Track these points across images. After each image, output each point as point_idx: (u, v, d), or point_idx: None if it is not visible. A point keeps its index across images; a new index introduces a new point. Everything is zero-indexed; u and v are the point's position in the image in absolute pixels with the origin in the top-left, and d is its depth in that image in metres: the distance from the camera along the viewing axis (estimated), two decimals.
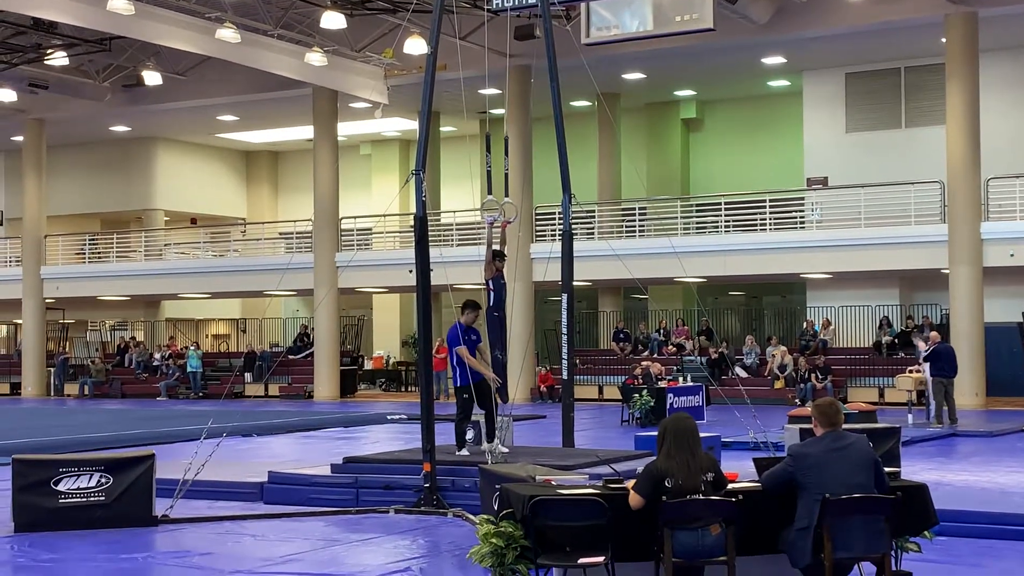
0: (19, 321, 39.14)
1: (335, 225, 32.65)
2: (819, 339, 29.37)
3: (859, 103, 30.49)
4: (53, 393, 37.26)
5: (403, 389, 36.30)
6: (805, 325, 30.37)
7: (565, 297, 13.49)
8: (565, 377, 13.60)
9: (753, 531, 6.79)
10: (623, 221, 31.95)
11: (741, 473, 7.29)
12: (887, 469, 6.93)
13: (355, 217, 34.16)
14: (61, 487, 10.55)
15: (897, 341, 28.56)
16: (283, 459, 15.93)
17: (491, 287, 12.62)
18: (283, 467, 13.31)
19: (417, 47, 26.08)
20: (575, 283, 13.92)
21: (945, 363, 19.71)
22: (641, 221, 31.33)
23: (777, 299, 35.83)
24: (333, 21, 25.92)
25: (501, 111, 28.04)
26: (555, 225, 29.61)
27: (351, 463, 12.47)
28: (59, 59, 31.26)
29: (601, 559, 6.58)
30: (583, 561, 6.59)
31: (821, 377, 27.27)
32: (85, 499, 10.58)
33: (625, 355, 31.10)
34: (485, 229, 12.88)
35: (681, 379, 23.81)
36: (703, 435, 6.91)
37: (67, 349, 40.89)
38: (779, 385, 28.31)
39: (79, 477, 10.62)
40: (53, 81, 32.58)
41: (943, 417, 19.61)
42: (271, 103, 33.91)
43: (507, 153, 13.90)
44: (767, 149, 34.40)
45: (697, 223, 31.11)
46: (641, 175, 33.19)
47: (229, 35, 25.15)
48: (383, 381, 37.32)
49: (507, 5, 19.55)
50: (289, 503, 11.87)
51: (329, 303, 32.10)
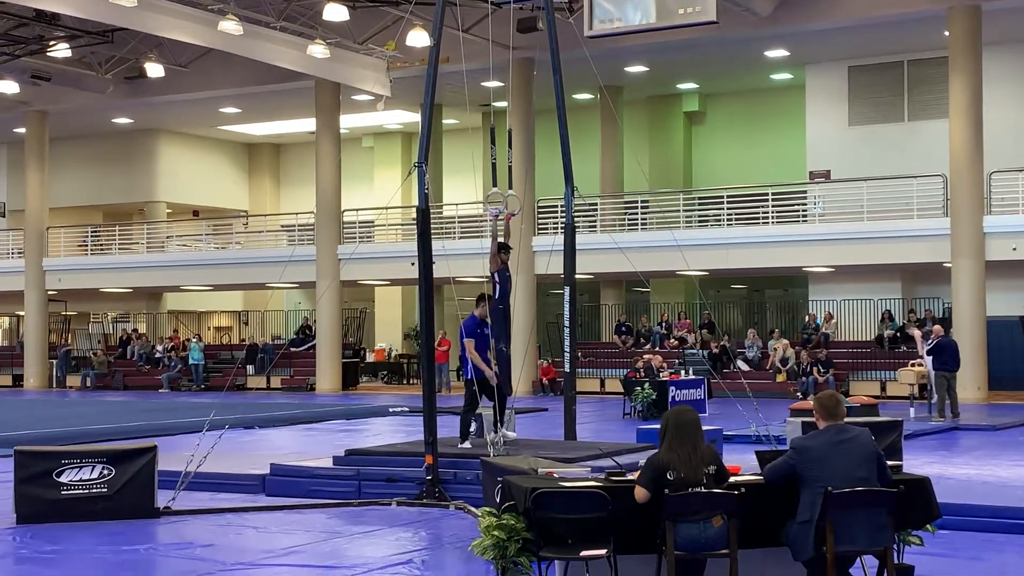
0: (21, 313, 39.16)
1: (337, 218, 32.64)
2: (821, 332, 29.37)
3: (862, 96, 30.45)
4: (55, 385, 37.30)
5: (405, 382, 36.31)
6: (807, 318, 30.37)
7: (567, 290, 13.47)
8: (567, 370, 13.58)
9: (755, 524, 6.79)
10: (625, 214, 31.92)
11: (743, 466, 7.28)
12: (889, 463, 6.92)
13: (357, 210, 34.13)
14: (63, 479, 10.56)
15: (899, 335, 28.56)
16: (285, 451, 15.92)
17: (496, 279, 12.60)
18: (285, 459, 13.32)
19: (420, 39, 26.06)
20: (577, 276, 13.90)
21: (948, 357, 19.72)
22: (643, 214, 31.31)
23: (779, 292, 35.83)
24: (335, 13, 25.89)
25: (503, 104, 28.02)
26: (557, 218, 29.61)
27: (353, 455, 12.48)
28: (61, 51, 31.25)
29: (603, 552, 6.59)
30: (585, 554, 6.59)
31: (823, 370, 27.28)
32: (87, 491, 10.59)
33: (627, 348, 31.10)
34: (488, 222, 12.86)
35: (683, 372, 23.80)
36: (705, 428, 6.90)
37: (69, 341, 40.92)
38: (781, 378, 28.31)
39: (81, 469, 10.63)
40: (55, 73, 32.57)
41: (945, 411, 19.64)
42: (273, 95, 33.89)
43: (511, 146, 13.88)
44: (769, 142, 34.36)
45: (699, 216, 31.08)
46: (643, 168, 33.15)
47: (231, 27, 25.14)
48: (385, 374, 37.34)
49: None
50: (291, 495, 11.88)
51: (331, 296, 32.09)
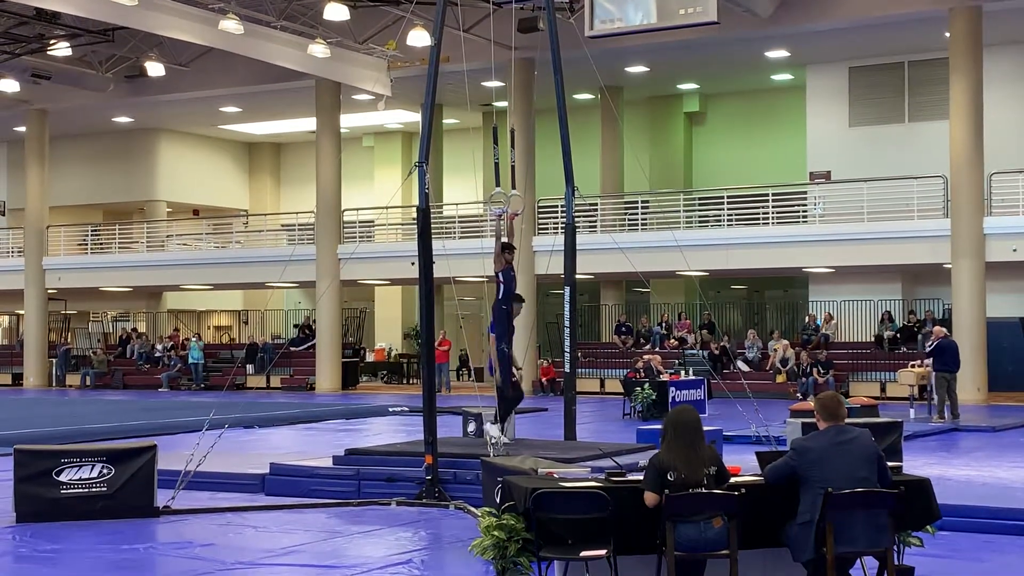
0: (21, 312, 39.16)
1: (337, 217, 32.64)
2: (821, 333, 29.36)
3: (862, 97, 30.45)
4: (55, 384, 37.29)
5: (405, 381, 36.32)
6: (807, 319, 30.36)
7: (568, 290, 13.45)
8: (567, 370, 13.56)
9: (755, 525, 6.78)
10: (626, 214, 31.92)
11: (744, 467, 7.28)
12: (889, 463, 6.91)
13: (357, 209, 34.13)
14: (63, 478, 10.55)
15: (899, 336, 28.55)
16: (285, 451, 15.92)
17: (501, 279, 12.56)
18: (285, 459, 13.31)
19: (420, 39, 26.04)
20: (577, 276, 13.89)
21: (948, 358, 19.72)
22: (644, 214, 31.31)
23: (779, 293, 35.83)
24: (336, 12, 25.88)
25: (504, 103, 28.00)
26: (558, 218, 29.60)
27: (353, 455, 12.47)
28: (62, 49, 31.24)
29: (603, 552, 6.58)
30: (585, 554, 6.59)
31: (823, 371, 27.27)
32: (87, 490, 10.59)
33: (627, 348, 31.09)
34: (491, 222, 12.84)
35: (683, 373, 23.79)
36: (705, 429, 6.89)
37: (69, 340, 40.89)
38: (781, 379, 28.30)
39: (81, 468, 10.62)
40: (56, 72, 32.56)
41: (945, 412, 19.63)
42: (274, 95, 33.88)
43: (513, 145, 13.86)
44: (770, 143, 34.36)
45: (700, 216, 31.08)
46: (644, 168, 33.13)
47: (232, 26, 25.13)
48: (385, 373, 37.35)
49: None
50: (291, 495, 11.87)
51: (331, 295, 32.09)
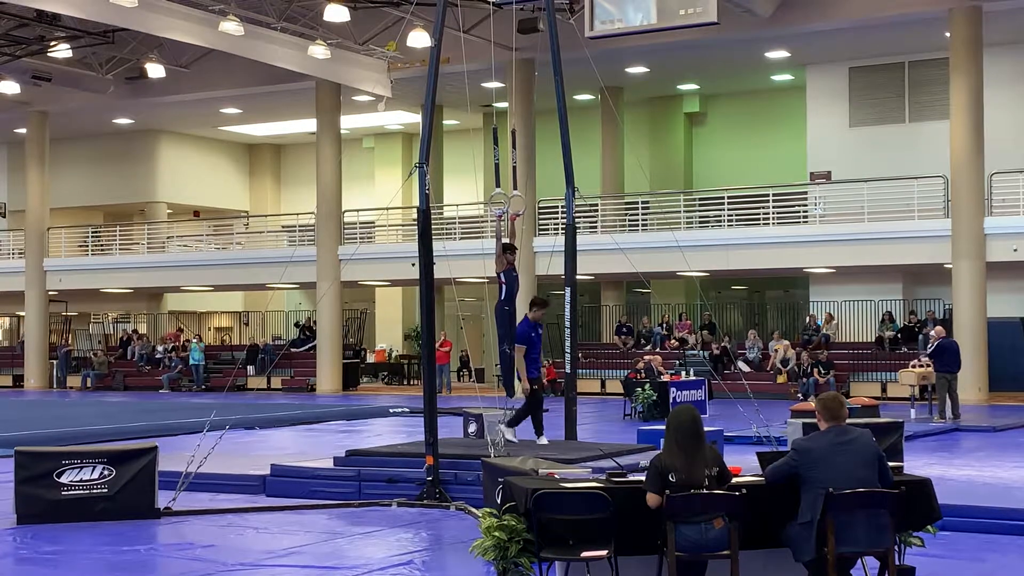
0: (22, 313, 39.16)
1: (338, 218, 32.63)
2: (822, 333, 29.35)
3: (863, 97, 30.44)
4: (56, 385, 37.29)
5: (405, 382, 36.31)
6: (808, 319, 30.35)
7: (568, 291, 13.44)
8: (568, 371, 13.57)
9: (756, 525, 6.78)
10: (626, 215, 31.92)
11: (744, 467, 7.28)
12: (890, 464, 6.91)
13: (358, 210, 34.13)
14: (64, 479, 10.55)
15: (900, 336, 28.54)
16: (285, 452, 15.91)
17: (503, 280, 12.54)
18: (285, 460, 13.30)
19: (420, 40, 26.03)
20: (578, 277, 13.89)
21: (949, 359, 19.72)
22: (644, 215, 31.30)
23: (780, 293, 35.81)
24: (336, 14, 25.88)
25: (504, 104, 28.00)
26: (558, 219, 29.60)
27: (353, 456, 12.47)
28: (62, 51, 31.24)
29: (604, 553, 6.58)
30: (586, 555, 6.58)
31: (824, 372, 27.26)
32: (88, 491, 10.59)
33: (627, 349, 31.08)
34: (492, 222, 12.83)
35: (684, 373, 23.77)
36: (706, 429, 6.89)
37: (70, 341, 40.91)
38: (782, 380, 28.29)
39: (82, 469, 10.62)
40: (56, 73, 32.57)
41: (946, 412, 19.63)
42: (274, 96, 33.89)
43: (514, 146, 13.86)
44: (770, 143, 34.34)
45: (700, 217, 31.07)
46: (644, 169, 33.13)
47: (232, 28, 25.14)
48: (385, 374, 37.33)
49: None
50: (291, 496, 11.88)
51: (331, 296, 32.10)
